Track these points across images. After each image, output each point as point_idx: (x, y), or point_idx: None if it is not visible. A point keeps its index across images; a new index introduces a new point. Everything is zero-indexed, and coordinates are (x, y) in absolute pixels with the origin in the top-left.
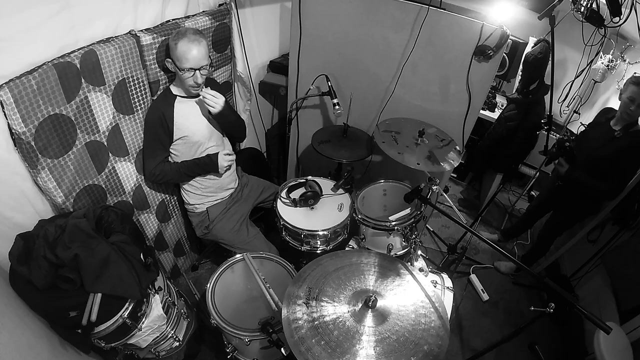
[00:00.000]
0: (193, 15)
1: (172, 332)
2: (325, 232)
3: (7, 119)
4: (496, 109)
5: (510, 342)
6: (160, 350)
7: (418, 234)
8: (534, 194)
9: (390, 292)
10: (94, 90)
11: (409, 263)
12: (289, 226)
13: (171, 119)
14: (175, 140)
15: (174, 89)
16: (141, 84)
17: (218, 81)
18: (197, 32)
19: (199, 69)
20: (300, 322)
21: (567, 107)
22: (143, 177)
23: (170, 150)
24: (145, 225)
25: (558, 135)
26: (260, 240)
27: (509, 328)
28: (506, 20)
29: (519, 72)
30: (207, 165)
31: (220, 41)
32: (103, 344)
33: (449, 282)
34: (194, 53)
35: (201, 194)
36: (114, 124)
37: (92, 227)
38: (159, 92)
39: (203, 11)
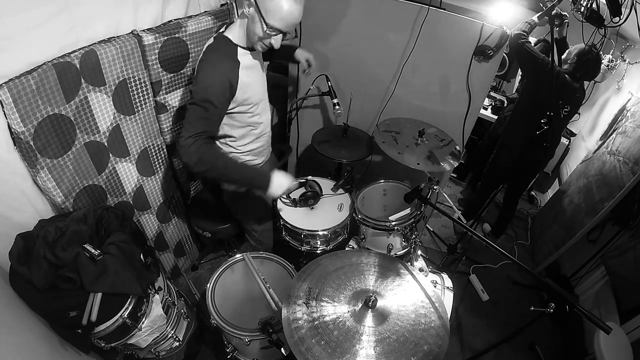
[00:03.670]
0: (196, 15)
1: (172, 332)
2: (325, 232)
3: (6, 118)
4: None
5: (510, 342)
6: (160, 350)
7: (418, 234)
8: (534, 194)
9: (390, 292)
10: (94, 90)
11: (409, 263)
12: (289, 226)
13: (236, 79)
14: (235, 107)
15: (234, 36)
16: (143, 84)
17: None
18: None
19: (285, 34)
20: (300, 322)
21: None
22: (180, 152)
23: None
24: (145, 225)
25: None
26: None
27: (509, 328)
28: (506, 20)
29: (519, 72)
30: (260, 178)
31: None
32: (103, 344)
33: (449, 282)
34: (295, 14)
35: (239, 154)
36: (114, 125)
37: (92, 230)
38: (209, 43)
39: (205, 11)
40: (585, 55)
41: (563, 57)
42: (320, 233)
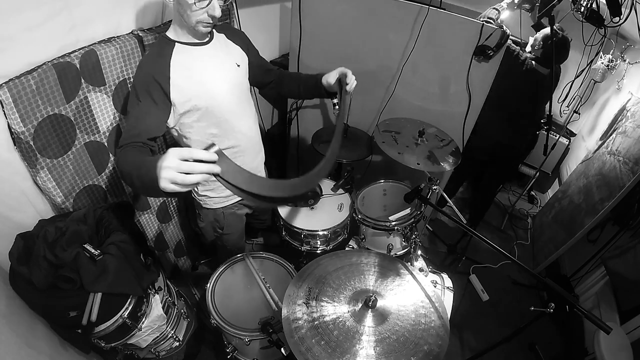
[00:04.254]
0: None
1: (172, 332)
2: (325, 232)
3: (6, 118)
4: None
5: (510, 342)
6: (160, 350)
7: (418, 234)
8: (534, 194)
9: (390, 292)
10: (94, 90)
11: (409, 263)
12: (289, 226)
13: (166, 77)
14: (181, 114)
15: (172, 34)
16: None
17: None
18: None
19: None
20: (300, 322)
21: (567, 107)
22: None
23: (179, 129)
24: (145, 226)
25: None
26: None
27: (509, 328)
28: (506, 20)
29: None
30: (147, 172)
31: None
32: (103, 344)
33: (449, 282)
34: None
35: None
36: (114, 125)
37: (92, 230)
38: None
39: None
40: (550, 38)
41: (530, 44)
42: (320, 233)
